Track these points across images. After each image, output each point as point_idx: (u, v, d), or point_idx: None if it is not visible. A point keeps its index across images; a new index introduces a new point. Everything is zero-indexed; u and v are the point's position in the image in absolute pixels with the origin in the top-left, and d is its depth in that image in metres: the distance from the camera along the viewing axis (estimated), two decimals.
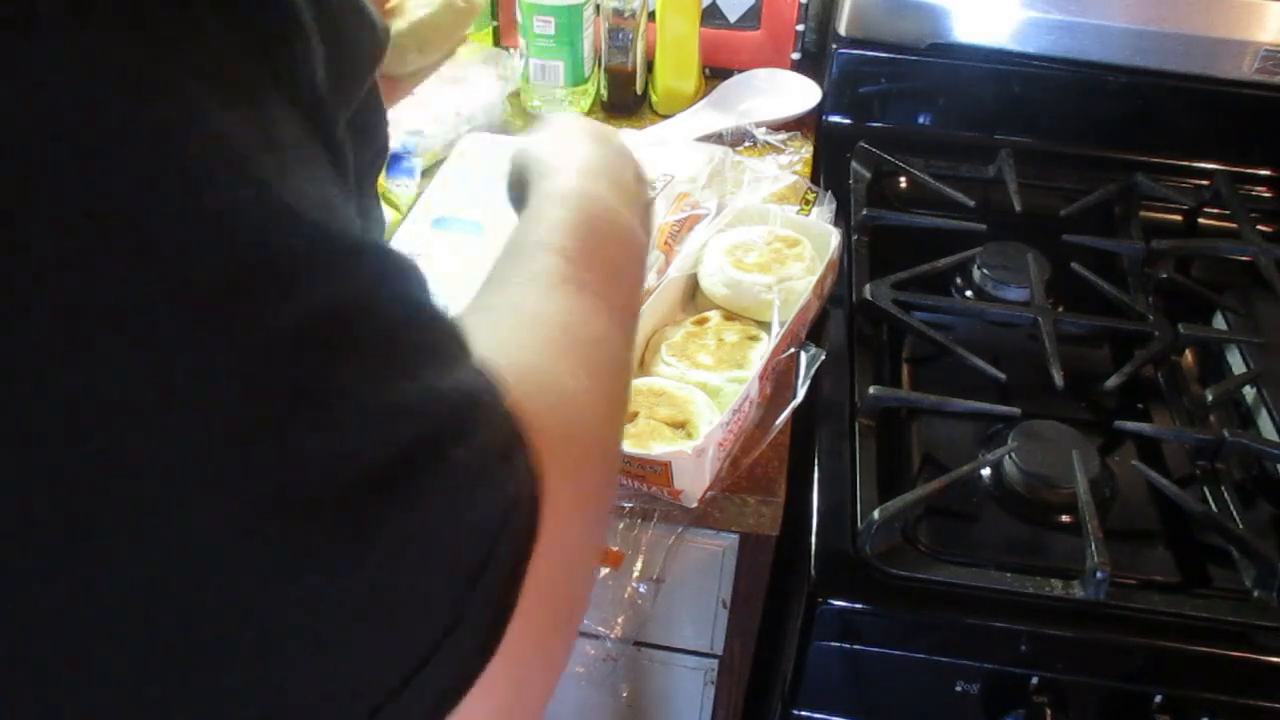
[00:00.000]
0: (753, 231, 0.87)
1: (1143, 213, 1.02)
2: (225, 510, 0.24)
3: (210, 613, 0.24)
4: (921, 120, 1.11)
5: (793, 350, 0.79)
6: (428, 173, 1.01)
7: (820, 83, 1.12)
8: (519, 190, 0.50)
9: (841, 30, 1.08)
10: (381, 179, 0.93)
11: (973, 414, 0.80)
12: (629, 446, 0.69)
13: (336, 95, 0.31)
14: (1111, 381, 0.83)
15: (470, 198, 0.95)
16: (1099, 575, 0.66)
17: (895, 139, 1.08)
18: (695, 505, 0.72)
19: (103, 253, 0.22)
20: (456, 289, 0.44)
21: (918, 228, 0.98)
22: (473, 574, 0.27)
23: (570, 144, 0.51)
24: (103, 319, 0.22)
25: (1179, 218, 1.05)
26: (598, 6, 1.09)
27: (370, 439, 0.26)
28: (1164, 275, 0.96)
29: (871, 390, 0.79)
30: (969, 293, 0.94)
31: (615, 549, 0.76)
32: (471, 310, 0.40)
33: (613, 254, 0.45)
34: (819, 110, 1.11)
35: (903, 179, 1.06)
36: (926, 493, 0.71)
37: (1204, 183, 1.05)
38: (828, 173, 1.05)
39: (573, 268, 0.41)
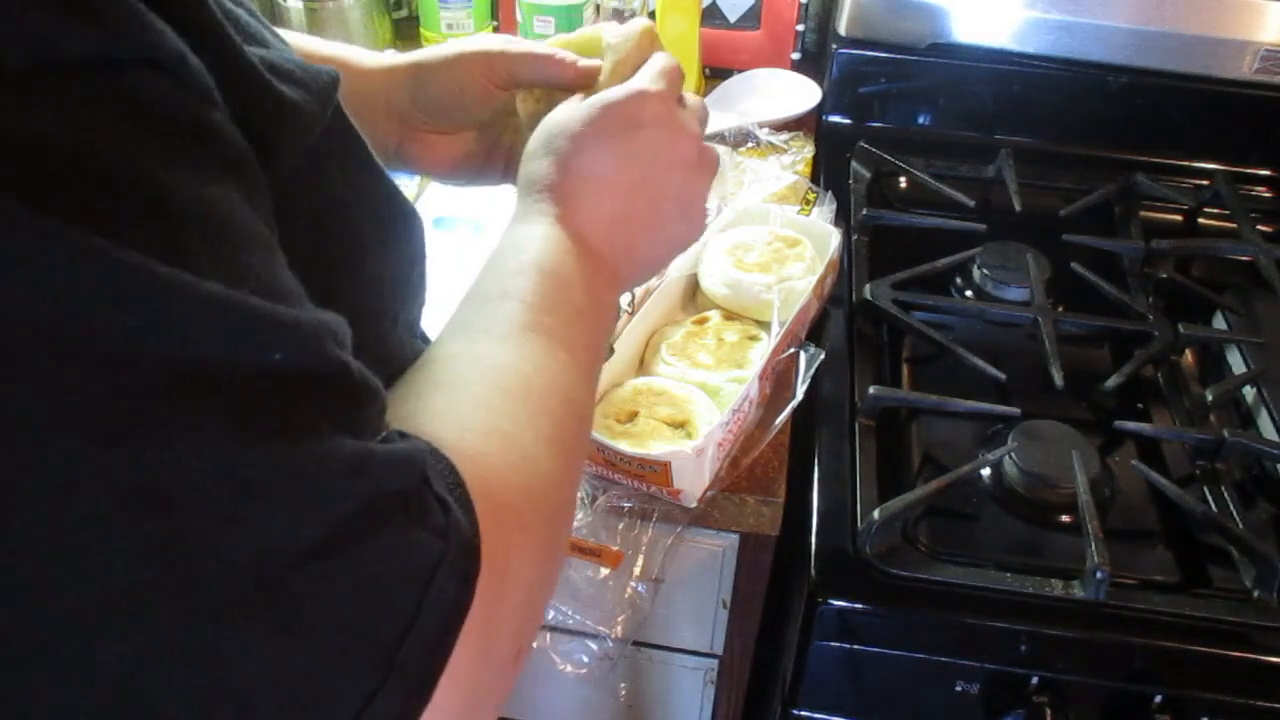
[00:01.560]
0: (753, 231, 0.87)
1: (1143, 213, 1.02)
2: (159, 609, 0.24)
3: (133, 698, 0.24)
4: (921, 120, 1.11)
5: (792, 350, 0.79)
6: None
7: (820, 83, 1.12)
8: (530, 164, 0.49)
9: (841, 30, 1.08)
10: None
11: (973, 414, 0.80)
12: (629, 446, 0.69)
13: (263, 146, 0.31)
14: (1111, 381, 0.83)
15: (470, 197, 0.95)
16: (1099, 575, 0.66)
17: (895, 139, 1.08)
18: (695, 505, 0.72)
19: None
20: (456, 289, 0.45)
21: (918, 228, 0.98)
22: (398, 637, 0.28)
23: (608, 152, 0.48)
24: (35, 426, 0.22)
25: (1179, 218, 1.04)
26: (598, 6, 1.09)
27: (300, 516, 0.26)
28: (1164, 275, 0.96)
29: (871, 390, 0.79)
30: (969, 293, 0.94)
31: (615, 549, 0.76)
32: (435, 360, 0.40)
33: (574, 297, 0.45)
34: (819, 110, 1.11)
35: (903, 179, 1.06)
36: (926, 493, 0.71)
37: (1204, 183, 1.05)
38: (828, 173, 1.05)
39: (532, 313, 0.42)
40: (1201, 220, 1.04)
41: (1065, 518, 0.73)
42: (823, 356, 0.80)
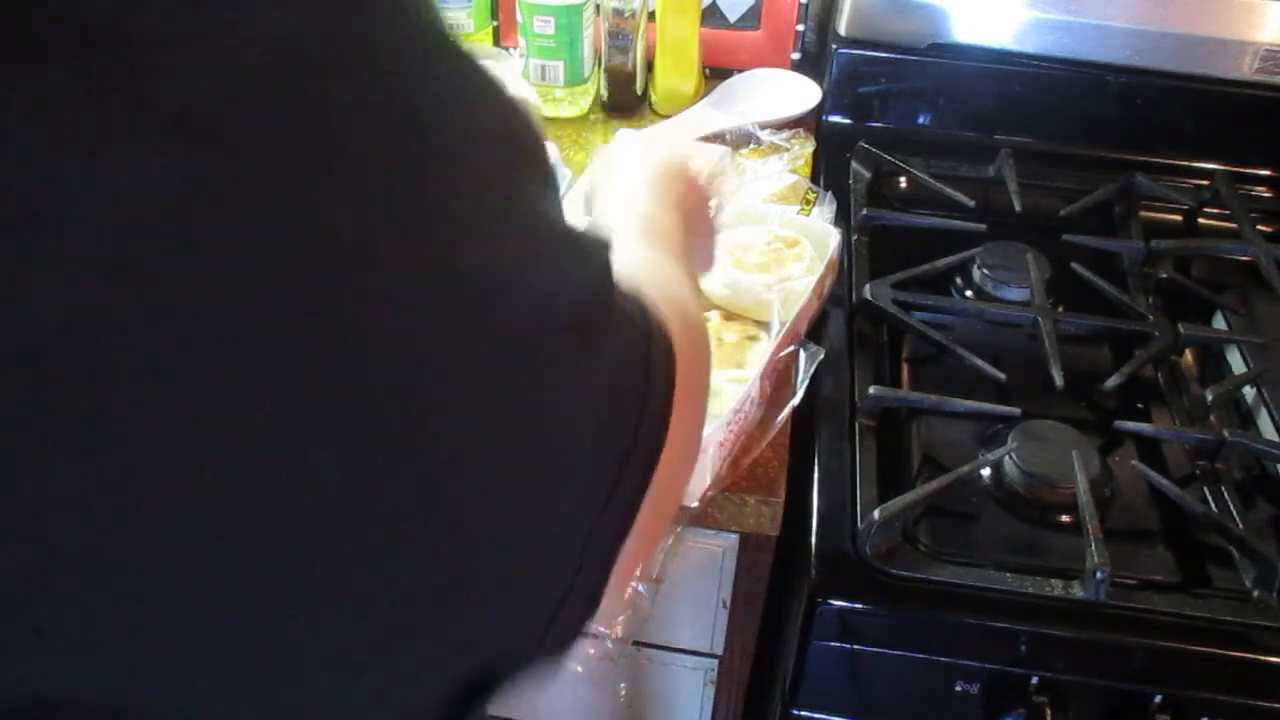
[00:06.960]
0: (753, 232, 0.87)
1: (1143, 213, 1.02)
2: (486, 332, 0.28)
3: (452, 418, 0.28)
4: (921, 120, 1.11)
5: (793, 349, 0.79)
6: None
7: (820, 83, 1.12)
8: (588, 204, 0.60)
9: (841, 30, 1.08)
10: None
11: (973, 414, 0.80)
12: None
13: None
14: (1111, 381, 0.83)
15: None
16: (1099, 575, 0.66)
17: (895, 139, 1.08)
18: (695, 505, 0.72)
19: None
20: None
21: (918, 228, 0.98)
22: (639, 406, 0.33)
23: (626, 166, 0.59)
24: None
25: (1179, 218, 1.04)
26: (598, 6, 1.09)
27: (581, 271, 0.32)
28: (1164, 275, 0.95)
29: (871, 390, 0.79)
30: (969, 293, 0.94)
31: None
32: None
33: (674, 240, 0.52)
34: (819, 110, 1.11)
35: (903, 179, 1.06)
36: (926, 493, 0.71)
37: (1204, 183, 1.05)
38: (828, 173, 1.05)
39: (666, 240, 0.49)
40: (1201, 220, 1.04)
41: (1065, 518, 0.73)
42: (822, 355, 0.80)
